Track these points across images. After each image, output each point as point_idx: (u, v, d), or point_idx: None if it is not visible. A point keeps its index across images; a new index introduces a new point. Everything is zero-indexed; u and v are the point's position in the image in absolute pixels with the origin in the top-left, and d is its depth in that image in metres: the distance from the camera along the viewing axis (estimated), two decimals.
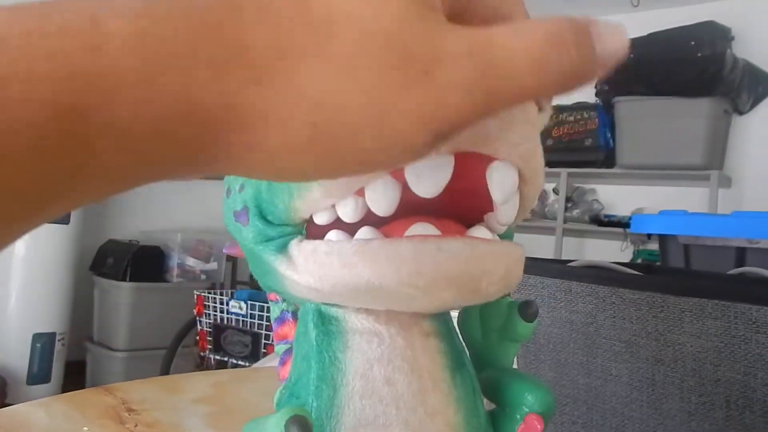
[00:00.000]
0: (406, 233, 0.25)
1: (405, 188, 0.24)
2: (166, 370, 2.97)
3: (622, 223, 3.15)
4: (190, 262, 3.34)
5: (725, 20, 3.09)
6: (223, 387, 0.89)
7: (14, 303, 2.86)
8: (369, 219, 0.26)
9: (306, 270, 0.26)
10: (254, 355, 2.73)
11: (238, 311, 2.76)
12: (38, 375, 2.92)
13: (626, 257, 3.20)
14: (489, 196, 0.25)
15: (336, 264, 0.25)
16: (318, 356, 0.28)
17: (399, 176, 0.24)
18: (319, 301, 0.28)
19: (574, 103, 3.54)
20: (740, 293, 0.46)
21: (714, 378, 0.48)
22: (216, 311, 2.85)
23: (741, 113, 3.26)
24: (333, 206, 0.26)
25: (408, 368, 0.28)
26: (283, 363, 0.38)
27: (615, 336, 0.53)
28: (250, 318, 2.74)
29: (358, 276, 0.25)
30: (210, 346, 2.88)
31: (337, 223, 0.26)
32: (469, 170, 0.24)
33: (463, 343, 0.32)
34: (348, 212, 0.25)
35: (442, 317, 0.30)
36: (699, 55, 2.94)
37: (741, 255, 1.07)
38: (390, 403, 0.27)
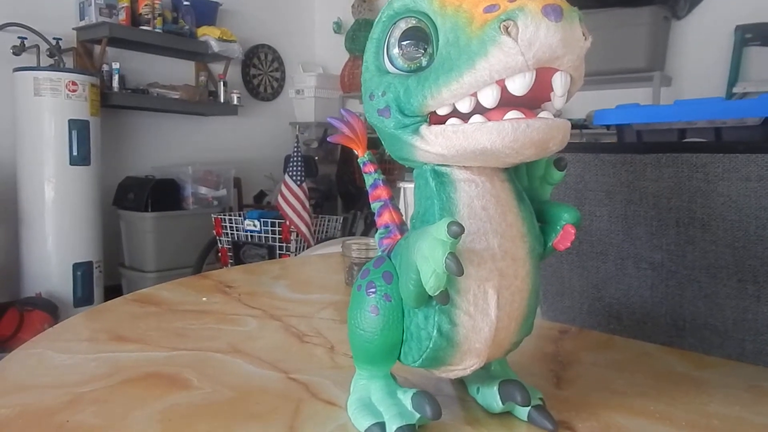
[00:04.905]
0: (505, 117, 0.37)
1: (503, 90, 0.36)
2: None
3: (578, 125, 3.31)
4: (203, 190, 3.44)
5: None
6: (289, 269, 1.05)
7: (52, 240, 2.96)
8: (476, 110, 0.38)
9: (436, 143, 0.39)
10: None
11: (253, 228, 2.90)
12: (82, 298, 3.05)
13: None
14: (550, 91, 0.38)
15: (461, 138, 0.38)
16: (438, 196, 0.42)
17: (500, 83, 0.36)
18: (441, 162, 0.42)
19: None
20: (684, 146, 0.62)
21: (667, 207, 0.64)
22: (233, 230, 2.99)
23: (678, 18, 3.37)
24: (453, 104, 0.38)
25: (494, 200, 0.42)
26: (379, 215, 0.53)
27: (597, 188, 0.69)
28: (264, 233, 2.89)
29: (476, 143, 0.37)
30: (231, 261, 3.03)
31: (453, 114, 0.39)
32: (542, 77, 0.36)
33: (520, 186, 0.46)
34: (465, 106, 0.38)
35: (509, 170, 0.45)
36: None
37: (683, 134, 1.23)
38: (486, 220, 0.42)
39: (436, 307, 0.42)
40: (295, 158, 2.91)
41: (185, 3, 3.77)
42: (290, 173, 2.87)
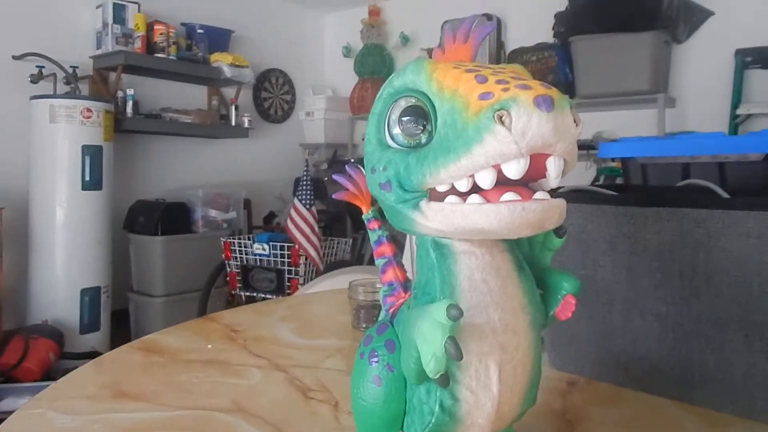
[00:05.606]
0: (501, 199, 0.37)
1: (499, 172, 0.36)
2: (203, 310, 3.12)
3: (585, 146, 3.29)
4: (213, 213, 3.45)
5: None
6: (296, 309, 1.04)
7: (60, 264, 2.96)
8: (474, 189, 0.38)
9: (435, 219, 0.39)
10: (280, 289, 2.88)
11: (262, 252, 2.89)
12: (89, 325, 3.04)
13: (591, 174, 3.35)
14: (545, 170, 0.37)
15: (459, 217, 0.38)
16: (439, 268, 0.42)
17: (496, 167, 0.36)
18: (439, 236, 0.41)
19: (535, 45, 3.63)
20: (684, 201, 0.61)
21: (670, 260, 0.63)
22: (242, 254, 2.98)
23: (679, 42, 3.37)
24: (451, 183, 0.38)
25: (494, 272, 0.42)
26: (383, 272, 0.52)
27: (600, 238, 0.68)
28: (273, 257, 2.88)
29: (473, 224, 0.37)
30: (239, 285, 3.02)
31: (452, 191, 0.38)
32: (537, 161, 0.36)
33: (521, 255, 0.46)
34: (463, 186, 0.38)
35: (510, 241, 0.44)
36: None
37: (686, 168, 1.21)
38: (486, 293, 0.41)
39: None
40: (304, 182, 2.91)
41: (199, 31, 3.81)
42: (300, 197, 2.87)
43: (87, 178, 2.97)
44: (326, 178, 4.15)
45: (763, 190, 1.07)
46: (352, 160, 4.08)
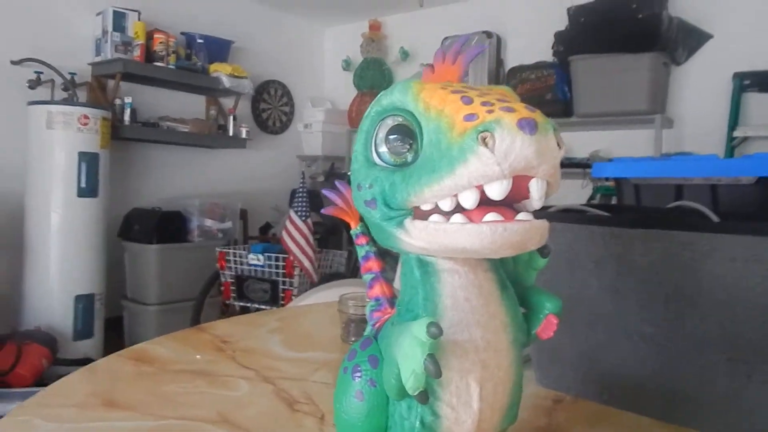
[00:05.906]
0: (484, 219, 0.37)
1: (482, 192, 0.37)
2: (196, 319, 3.11)
3: (582, 164, 3.32)
4: (208, 223, 3.45)
5: None
6: (286, 321, 1.05)
7: (55, 271, 2.96)
8: (457, 209, 0.38)
9: (419, 238, 0.40)
10: (274, 300, 2.88)
11: (257, 262, 2.89)
12: (82, 332, 3.03)
13: (587, 193, 3.37)
14: (527, 193, 0.38)
15: (442, 236, 0.38)
16: (422, 286, 0.43)
17: (479, 187, 0.37)
18: (423, 254, 0.42)
19: (535, 63, 3.66)
20: (672, 224, 0.62)
21: (656, 281, 0.64)
22: (237, 264, 2.99)
23: (678, 64, 3.40)
24: (435, 202, 0.38)
25: (477, 291, 0.42)
26: (370, 287, 0.53)
27: (588, 258, 0.69)
28: (268, 267, 2.88)
29: (456, 243, 0.38)
30: (234, 295, 3.02)
31: (436, 210, 0.39)
32: (519, 183, 0.37)
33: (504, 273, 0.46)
34: (446, 205, 0.38)
35: (494, 260, 0.45)
36: (639, 16, 3.08)
37: (679, 190, 1.23)
38: (468, 311, 0.42)
39: None
40: (300, 194, 2.92)
41: (199, 41, 3.84)
42: (295, 208, 2.88)
43: (83, 185, 2.97)
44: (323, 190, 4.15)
45: (754, 213, 1.08)
46: (349, 173, 4.09)
